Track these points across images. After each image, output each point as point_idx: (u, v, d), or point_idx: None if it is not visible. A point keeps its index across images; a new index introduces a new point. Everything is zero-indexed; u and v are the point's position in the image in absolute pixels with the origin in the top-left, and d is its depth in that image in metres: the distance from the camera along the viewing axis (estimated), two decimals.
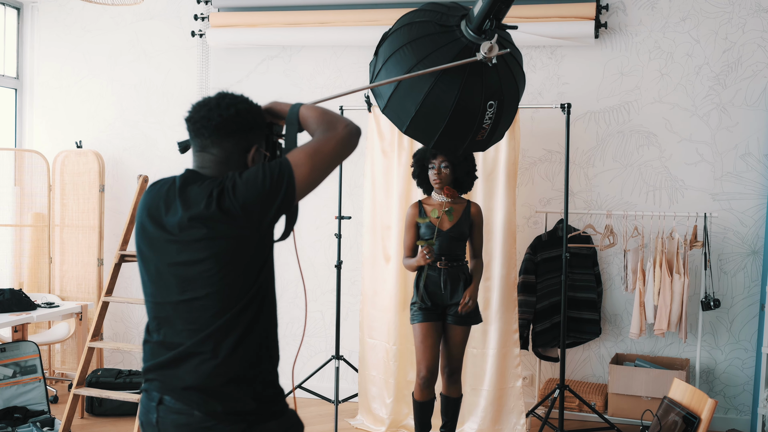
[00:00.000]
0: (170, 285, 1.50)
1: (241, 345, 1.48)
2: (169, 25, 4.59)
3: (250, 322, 1.49)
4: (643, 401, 3.70)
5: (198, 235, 1.46)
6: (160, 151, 4.59)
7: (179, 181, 1.53)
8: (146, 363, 1.55)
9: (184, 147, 1.68)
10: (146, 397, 1.55)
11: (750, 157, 3.91)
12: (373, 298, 3.85)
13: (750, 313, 3.91)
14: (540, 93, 4.12)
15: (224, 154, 1.53)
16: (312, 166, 1.48)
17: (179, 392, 1.49)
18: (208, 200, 1.46)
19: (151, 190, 1.58)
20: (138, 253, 1.58)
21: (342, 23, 4.20)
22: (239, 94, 1.57)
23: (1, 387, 3.63)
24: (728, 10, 3.91)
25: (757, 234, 3.89)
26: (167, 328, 1.52)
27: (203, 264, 1.46)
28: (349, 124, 1.55)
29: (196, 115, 1.54)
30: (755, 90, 3.89)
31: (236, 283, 1.47)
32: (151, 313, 1.56)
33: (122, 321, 4.69)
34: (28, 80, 4.82)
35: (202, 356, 1.47)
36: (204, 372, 1.47)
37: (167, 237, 1.50)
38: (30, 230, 4.58)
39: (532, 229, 4.13)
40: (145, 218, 1.54)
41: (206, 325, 1.47)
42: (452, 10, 2.18)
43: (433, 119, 2.12)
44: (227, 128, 1.51)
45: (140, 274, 1.58)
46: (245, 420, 1.48)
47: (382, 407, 3.83)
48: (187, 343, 1.49)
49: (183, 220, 1.47)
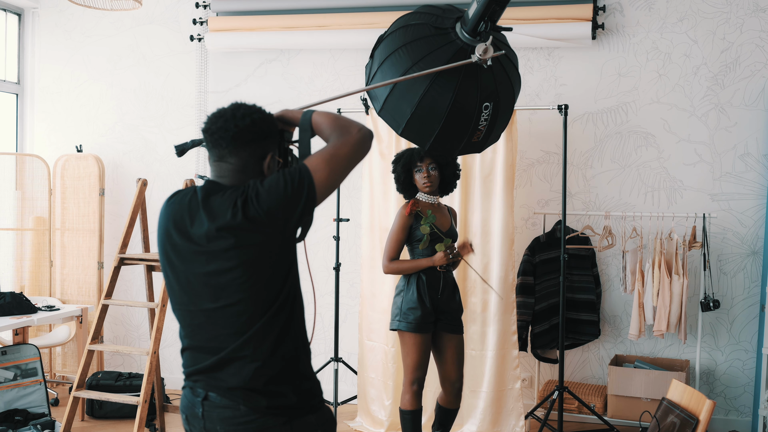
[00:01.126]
0: (202, 293, 1.55)
1: (281, 345, 1.54)
2: (168, 29, 4.61)
3: (285, 322, 1.56)
4: (643, 403, 3.69)
5: (226, 245, 1.50)
6: (160, 155, 4.61)
7: (201, 192, 1.57)
8: (189, 368, 1.61)
9: (181, 150, 1.72)
10: (190, 392, 1.60)
11: (749, 158, 3.90)
12: (371, 301, 3.85)
13: (750, 314, 3.90)
14: (537, 94, 4.12)
15: (241, 163, 1.57)
16: (330, 170, 1.54)
17: (224, 391, 1.55)
18: (234, 210, 1.50)
19: (172, 203, 1.61)
20: (166, 263, 1.61)
21: (339, 26, 4.22)
22: (252, 104, 1.62)
23: (2, 390, 3.64)
24: (726, 11, 3.91)
25: (756, 234, 3.88)
26: (203, 334, 1.57)
27: (233, 272, 1.51)
28: (362, 128, 1.60)
29: (213, 126, 1.58)
30: (754, 90, 3.88)
31: (267, 286, 1.53)
32: (185, 320, 1.61)
33: (122, 324, 4.71)
34: (29, 85, 4.85)
35: (244, 360, 1.53)
36: (246, 375, 1.53)
37: (195, 248, 1.54)
38: (31, 234, 4.61)
39: (531, 231, 4.13)
40: (171, 229, 1.58)
41: (244, 330, 1.53)
42: (447, 13, 2.19)
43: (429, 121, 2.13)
44: (244, 138, 1.56)
45: (168, 284, 1.63)
46: (287, 413, 1.54)
47: (381, 409, 3.83)
48: (227, 348, 1.54)
49: (210, 230, 1.52)
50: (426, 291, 3.00)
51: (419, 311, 2.98)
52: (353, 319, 4.31)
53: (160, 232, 1.61)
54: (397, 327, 3.01)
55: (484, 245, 3.71)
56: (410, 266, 3.03)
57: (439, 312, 3.04)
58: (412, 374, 3.01)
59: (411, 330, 2.98)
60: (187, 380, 1.62)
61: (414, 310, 2.98)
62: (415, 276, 3.02)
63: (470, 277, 3.72)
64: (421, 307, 2.98)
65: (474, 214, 3.74)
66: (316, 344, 4.43)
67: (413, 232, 3.06)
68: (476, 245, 3.72)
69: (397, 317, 3.02)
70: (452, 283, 3.09)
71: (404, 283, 3.05)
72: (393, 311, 3.06)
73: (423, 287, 3.00)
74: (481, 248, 3.71)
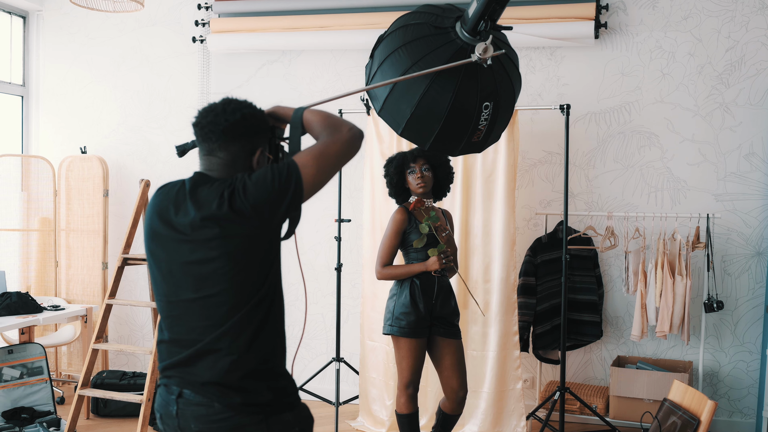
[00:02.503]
0: (183, 283, 1.55)
1: (256, 340, 1.54)
2: (170, 31, 4.63)
3: (263, 318, 1.55)
4: (645, 404, 3.67)
5: (210, 235, 1.50)
6: (163, 156, 4.64)
7: (189, 183, 1.59)
8: (163, 362, 1.60)
9: (182, 150, 1.74)
10: (165, 390, 1.60)
11: (754, 157, 3.86)
12: (372, 301, 3.86)
13: (754, 315, 3.86)
14: (540, 94, 4.10)
15: (230, 157, 1.58)
16: (318, 167, 1.53)
17: (198, 387, 1.54)
18: (220, 201, 1.51)
19: (159, 193, 1.63)
20: (148, 254, 1.62)
21: (341, 27, 4.21)
22: (243, 99, 1.63)
23: (9, 388, 3.69)
24: (731, 8, 3.87)
25: (761, 235, 3.84)
26: (181, 326, 1.57)
27: (216, 262, 1.51)
28: (353, 127, 1.60)
29: (204, 120, 1.59)
30: (759, 89, 3.84)
31: (248, 279, 1.53)
32: (164, 312, 1.61)
33: (127, 323, 4.75)
34: (33, 87, 4.89)
35: (219, 353, 1.52)
36: (221, 368, 1.52)
37: (179, 237, 1.55)
38: (37, 235, 4.65)
39: (532, 231, 4.11)
40: (155, 219, 1.59)
41: (221, 322, 1.52)
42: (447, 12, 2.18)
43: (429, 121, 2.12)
44: (234, 132, 1.57)
45: (151, 274, 1.63)
46: (263, 411, 1.53)
47: (382, 409, 3.84)
48: (204, 340, 1.53)
49: (195, 220, 1.52)
50: (420, 296, 2.95)
51: (413, 316, 2.93)
52: (355, 319, 4.32)
53: (146, 223, 1.63)
54: (390, 332, 2.97)
55: (485, 246, 3.70)
56: (404, 272, 2.97)
57: (434, 317, 2.98)
58: (407, 378, 2.97)
59: (404, 335, 2.93)
60: (161, 377, 1.62)
61: (407, 314, 2.93)
62: (409, 280, 2.97)
63: (471, 277, 3.72)
64: (415, 311, 2.93)
65: (475, 214, 3.73)
66: (318, 344, 4.44)
67: (407, 237, 3.00)
68: (477, 246, 3.71)
69: (389, 321, 2.97)
70: (447, 288, 3.03)
71: (398, 288, 3.00)
72: (386, 315, 3.01)
73: (417, 292, 2.95)
74: (482, 249, 3.70)
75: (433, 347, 3.03)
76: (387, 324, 2.99)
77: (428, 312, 2.97)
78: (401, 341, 2.96)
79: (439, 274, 3.00)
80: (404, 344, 2.95)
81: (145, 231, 1.63)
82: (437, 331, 2.99)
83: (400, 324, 2.94)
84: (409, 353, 2.95)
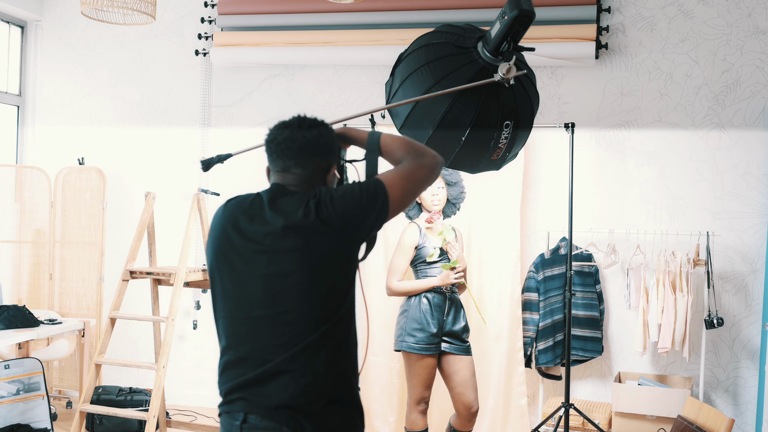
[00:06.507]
0: (255, 298, 1.48)
1: (333, 363, 1.47)
2: (172, 44, 4.62)
3: (341, 339, 1.50)
4: (648, 420, 3.70)
5: (291, 246, 1.45)
6: (162, 169, 4.60)
7: (267, 194, 1.54)
8: (228, 383, 1.50)
9: (207, 165, 1.71)
10: (228, 418, 1.49)
11: (750, 177, 3.95)
12: (375, 316, 3.85)
13: (752, 332, 3.93)
14: (541, 112, 4.16)
15: (307, 174, 1.55)
16: (404, 188, 1.54)
17: (267, 410, 1.44)
18: (306, 210, 1.46)
19: (229, 205, 1.58)
20: (215, 268, 1.54)
21: (344, 43, 4.24)
22: (315, 116, 1.61)
23: (6, 404, 3.59)
24: (726, 32, 3.98)
25: (758, 252, 3.92)
26: (250, 344, 1.48)
27: (294, 276, 1.45)
28: (437, 155, 1.62)
29: (279, 137, 1.56)
30: (754, 110, 3.95)
31: (329, 297, 1.47)
32: (230, 329, 1.52)
33: (120, 338, 4.66)
34: (30, 97, 4.82)
35: (293, 374, 1.44)
36: (295, 391, 1.44)
37: (255, 247, 1.48)
38: (30, 246, 4.56)
39: (535, 248, 4.15)
40: (228, 230, 1.53)
41: (297, 341, 1.45)
42: (468, 32, 2.21)
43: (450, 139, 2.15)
44: (310, 149, 1.55)
45: (215, 291, 1.55)
46: None
47: (384, 425, 3.82)
48: (275, 360, 1.45)
49: (276, 229, 1.47)
50: (431, 312, 2.95)
51: (424, 332, 2.93)
52: (358, 334, 4.29)
53: (217, 234, 1.55)
54: (400, 348, 2.97)
55: (490, 261, 3.72)
56: (417, 287, 2.98)
57: (445, 333, 2.99)
58: (418, 395, 2.96)
59: (416, 351, 2.93)
60: (224, 403, 1.51)
61: (418, 330, 2.93)
62: (419, 297, 2.97)
63: (477, 293, 3.73)
64: (426, 327, 2.93)
65: (480, 230, 3.76)
66: None
67: (418, 252, 3.00)
68: (482, 261, 3.73)
69: (400, 338, 2.97)
70: (458, 305, 3.05)
71: (408, 304, 3.00)
72: (396, 331, 3.01)
73: (428, 308, 2.95)
74: (488, 264, 3.72)
75: (444, 364, 3.03)
76: (398, 340, 2.99)
77: (439, 329, 2.97)
78: (412, 358, 2.95)
79: (449, 290, 3.00)
80: (416, 360, 2.95)
81: (211, 245, 1.56)
82: (448, 347, 2.99)
83: (411, 340, 2.94)
84: (421, 370, 2.95)
